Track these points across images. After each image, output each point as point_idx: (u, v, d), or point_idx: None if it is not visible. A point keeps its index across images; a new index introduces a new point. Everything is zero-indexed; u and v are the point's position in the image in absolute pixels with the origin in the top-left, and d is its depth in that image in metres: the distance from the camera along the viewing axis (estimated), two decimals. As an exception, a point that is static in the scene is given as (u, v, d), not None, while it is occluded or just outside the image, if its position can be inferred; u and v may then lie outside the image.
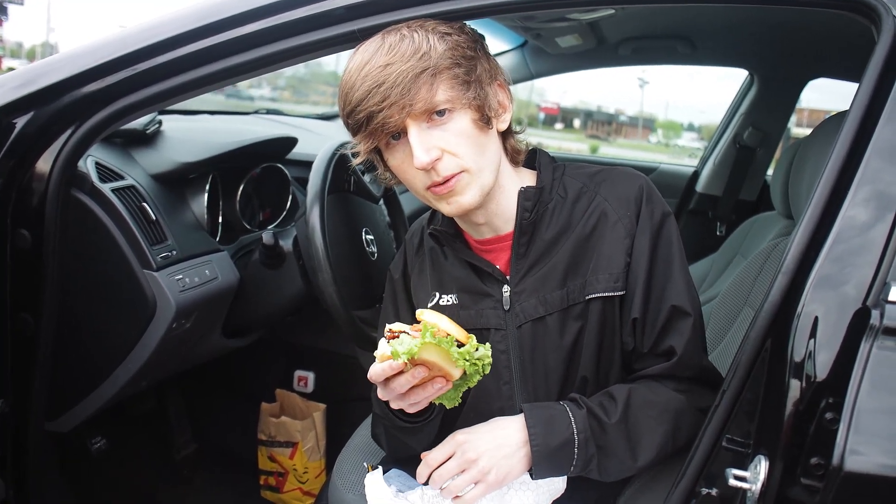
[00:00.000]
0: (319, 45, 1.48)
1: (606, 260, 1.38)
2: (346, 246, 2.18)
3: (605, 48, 3.20)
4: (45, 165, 1.56)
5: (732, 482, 1.12)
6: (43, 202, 1.57)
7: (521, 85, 4.11)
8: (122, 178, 1.92)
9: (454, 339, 1.19)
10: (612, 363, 1.41)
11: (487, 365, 1.23)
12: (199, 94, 1.58)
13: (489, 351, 1.23)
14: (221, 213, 2.32)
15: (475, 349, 1.22)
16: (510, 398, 1.44)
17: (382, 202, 2.58)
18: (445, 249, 1.51)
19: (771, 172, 3.53)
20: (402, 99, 1.24)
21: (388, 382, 1.24)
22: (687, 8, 2.63)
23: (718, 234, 3.60)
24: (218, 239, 2.25)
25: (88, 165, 1.82)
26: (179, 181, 2.16)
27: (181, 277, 1.92)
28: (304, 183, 2.12)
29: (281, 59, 1.51)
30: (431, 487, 1.36)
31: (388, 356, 1.18)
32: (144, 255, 1.83)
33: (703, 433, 1.21)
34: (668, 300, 1.37)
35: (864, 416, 1.00)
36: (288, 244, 2.21)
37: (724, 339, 2.12)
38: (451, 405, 1.31)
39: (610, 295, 1.38)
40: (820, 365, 1.07)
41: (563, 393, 1.42)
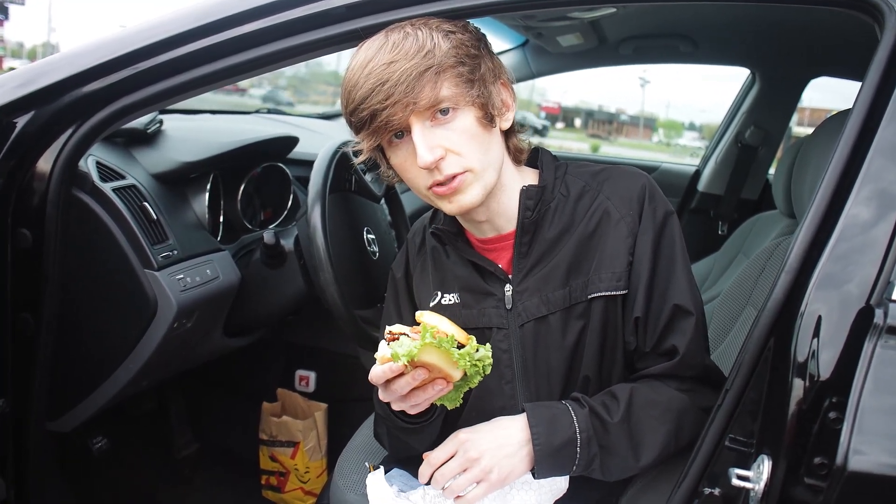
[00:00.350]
0: (320, 44, 1.48)
1: (609, 259, 1.38)
2: (347, 245, 2.18)
3: (606, 47, 3.20)
4: (45, 165, 1.55)
5: (735, 482, 1.11)
6: (44, 202, 1.56)
7: (522, 84, 4.12)
8: (123, 177, 1.92)
9: (454, 340, 1.19)
10: (614, 362, 1.41)
11: (488, 366, 1.22)
12: (199, 93, 1.57)
13: (490, 352, 1.23)
14: (223, 212, 2.32)
15: (476, 350, 1.21)
16: (512, 397, 1.44)
17: (384, 201, 2.57)
18: (447, 248, 1.51)
19: (773, 171, 3.54)
20: (405, 97, 1.24)
21: (388, 384, 1.24)
22: (688, 6, 2.63)
23: (720, 233, 3.59)
24: (219, 238, 2.24)
25: (89, 165, 1.82)
26: (180, 181, 2.16)
27: (182, 277, 1.92)
28: (305, 182, 2.12)
29: (281, 58, 1.51)
30: (433, 487, 1.36)
31: (388, 358, 1.18)
32: (145, 254, 1.83)
33: (705, 433, 1.21)
34: (670, 299, 1.37)
35: (867, 415, 1.00)
36: (289, 243, 2.20)
37: (726, 338, 2.12)
38: (452, 406, 1.31)
39: (612, 294, 1.37)
40: (823, 364, 1.06)
41: (565, 392, 1.41)
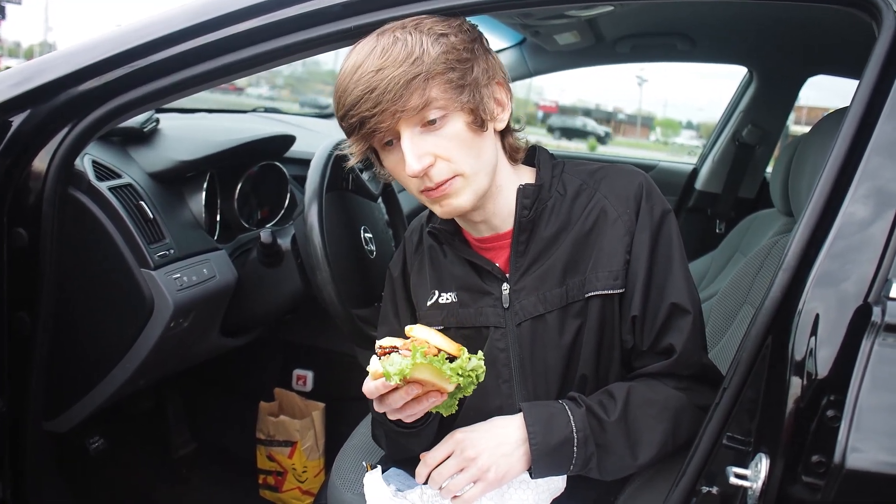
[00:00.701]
0: (316, 42, 1.47)
1: (606, 257, 1.37)
2: (344, 244, 2.17)
3: (603, 45, 3.19)
4: (41, 164, 1.55)
5: (733, 480, 1.11)
6: (40, 201, 1.56)
7: (519, 83, 4.12)
8: (119, 176, 1.91)
9: (444, 355, 1.18)
10: (611, 361, 1.41)
11: (481, 374, 1.22)
12: (196, 91, 1.57)
13: (482, 360, 1.22)
14: (219, 211, 2.31)
15: (468, 360, 1.20)
16: (509, 396, 1.43)
17: (381, 200, 2.57)
18: (444, 247, 1.51)
19: (770, 170, 3.54)
20: (393, 105, 1.23)
21: (382, 399, 1.24)
22: (685, 4, 2.63)
23: (718, 231, 3.59)
24: (216, 237, 2.24)
25: (85, 164, 1.82)
26: (177, 179, 2.16)
27: (179, 276, 1.92)
28: (302, 181, 2.12)
29: (277, 56, 1.50)
30: (431, 487, 1.36)
31: (380, 374, 1.17)
32: (142, 253, 1.83)
33: (703, 431, 1.21)
34: (667, 298, 1.37)
35: (865, 413, 1.00)
36: (286, 242, 2.20)
37: (723, 336, 2.12)
38: (447, 413, 1.31)
39: (609, 293, 1.37)
40: (821, 362, 1.06)
41: (562, 391, 1.41)
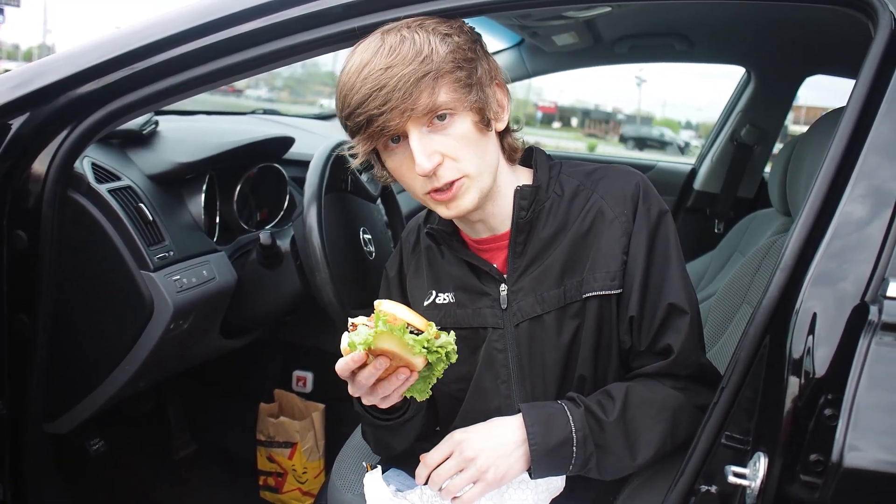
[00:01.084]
0: (317, 43, 1.47)
1: (603, 258, 1.38)
2: (343, 245, 2.18)
3: (601, 46, 3.20)
4: (41, 166, 1.55)
5: (732, 479, 1.12)
6: (39, 203, 1.56)
7: (518, 84, 4.12)
8: (118, 178, 1.92)
9: (406, 326, 1.18)
10: (609, 361, 1.41)
11: (452, 353, 1.22)
12: (195, 93, 1.57)
13: (453, 338, 1.22)
14: (219, 213, 2.32)
15: (436, 336, 1.21)
16: (508, 397, 1.44)
17: (380, 201, 2.57)
18: (442, 248, 1.51)
19: (768, 169, 3.54)
20: (403, 103, 1.23)
21: (353, 377, 1.23)
22: (683, 5, 2.63)
23: (716, 231, 3.60)
24: (215, 239, 2.24)
25: (85, 166, 1.82)
26: (176, 181, 2.16)
27: (178, 278, 1.92)
28: (301, 183, 2.12)
29: (278, 58, 1.50)
30: (430, 488, 1.36)
31: (347, 348, 1.19)
32: (141, 255, 1.83)
33: (702, 430, 1.21)
34: (665, 298, 1.37)
35: (863, 412, 1.01)
36: (285, 244, 2.21)
37: (722, 336, 2.12)
38: (421, 397, 1.30)
39: (607, 293, 1.37)
40: (818, 361, 1.07)
41: (561, 391, 1.41)
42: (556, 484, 1.39)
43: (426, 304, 1.50)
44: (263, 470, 2.76)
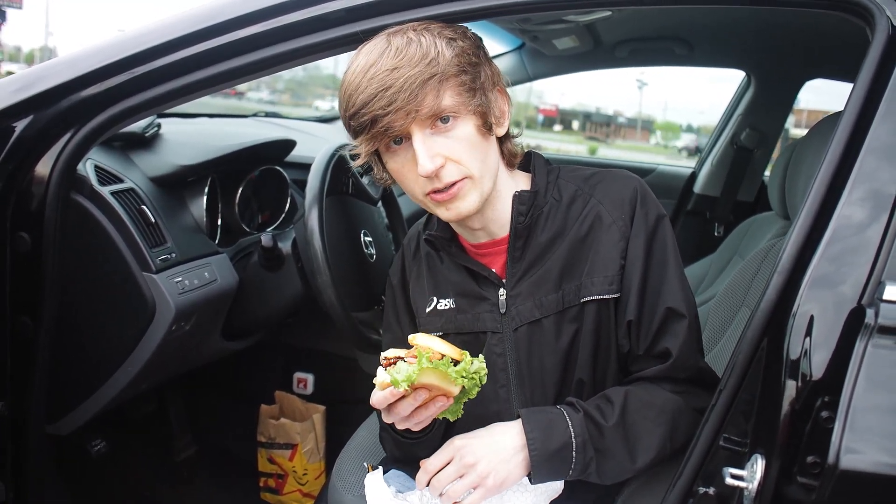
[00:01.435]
0: (319, 47, 1.48)
1: (601, 262, 1.38)
2: (344, 248, 2.18)
3: (602, 50, 3.20)
4: (44, 169, 1.56)
5: (729, 481, 1.12)
6: (42, 205, 1.57)
7: (519, 87, 4.12)
8: (121, 181, 1.92)
9: (449, 359, 1.20)
10: (608, 365, 1.41)
11: (484, 376, 1.24)
12: (198, 97, 1.58)
13: (483, 363, 1.23)
14: (220, 215, 2.32)
15: (471, 363, 1.22)
16: (507, 401, 1.44)
17: (381, 204, 2.58)
18: (441, 254, 1.51)
19: (768, 173, 3.55)
20: (408, 104, 1.23)
21: (391, 408, 1.25)
22: (683, 9, 2.64)
23: (716, 234, 3.60)
24: (217, 241, 2.25)
25: (87, 169, 1.83)
26: (178, 184, 2.17)
27: (180, 280, 1.93)
28: (302, 185, 2.13)
29: (280, 62, 1.51)
30: (431, 494, 1.36)
31: (387, 384, 1.19)
32: (144, 257, 1.84)
33: (700, 432, 1.21)
34: (663, 302, 1.37)
35: (859, 414, 1.01)
36: (287, 246, 2.21)
37: (721, 339, 2.13)
38: (454, 418, 1.33)
39: (605, 297, 1.38)
40: (816, 364, 1.07)
41: (559, 395, 1.42)
42: (554, 486, 1.40)
43: (428, 310, 1.50)
44: (264, 471, 2.76)
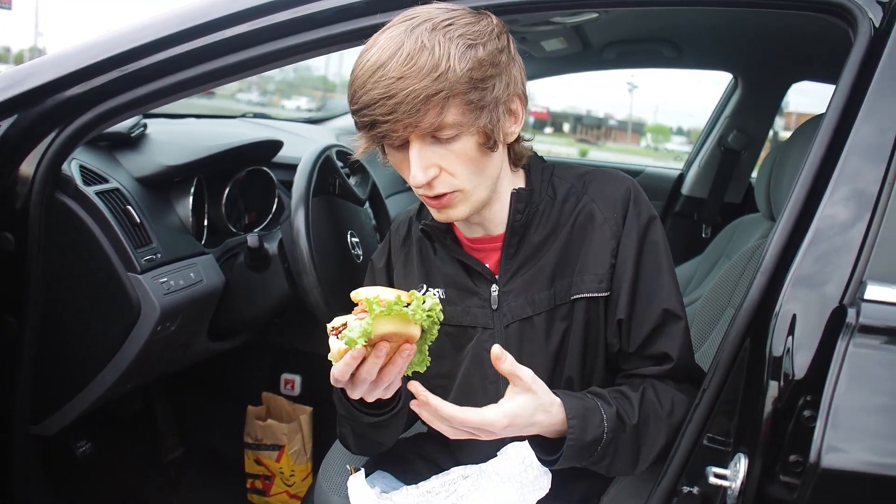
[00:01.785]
0: (307, 46, 1.48)
1: (592, 261, 1.38)
2: (331, 248, 2.18)
3: (590, 52, 3.21)
4: (28, 168, 1.55)
5: (713, 480, 1.13)
6: (27, 205, 1.56)
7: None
8: (106, 181, 1.92)
9: (402, 300, 1.16)
10: (596, 363, 1.42)
11: (440, 312, 1.19)
12: (184, 96, 1.57)
13: (437, 299, 1.19)
14: (207, 216, 2.32)
15: (423, 301, 1.18)
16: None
17: (368, 205, 2.58)
18: (435, 244, 1.51)
19: (756, 175, 3.57)
20: (408, 118, 1.20)
21: (355, 377, 1.19)
22: (670, 12, 2.65)
23: (704, 236, 3.61)
24: (203, 242, 2.25)
25: (72, 168, 1.82)
26: (164, 184, 2.16)
27: (166, 280, 1.92)
28: (289, 186, 2.12)
29: (267, 61, 1.51)
30: (416, 486, 1.36)
31: (343, 350, 1.14)
32: (129, 257, 1.83)
33: (683, 431, 1.22)
34: (659, 304, 1.37)
35: (840, 413, 1.02)
36: (273, 247, 2.21)
37: (707, 340, 2.13)
38: (422, 368, 1.27)
39: (594, 296, 1.38)
40: (798, 363, 1.08)
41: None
42: (542, 483, 1.40)
43: None
44: (251, 472, 2.75)
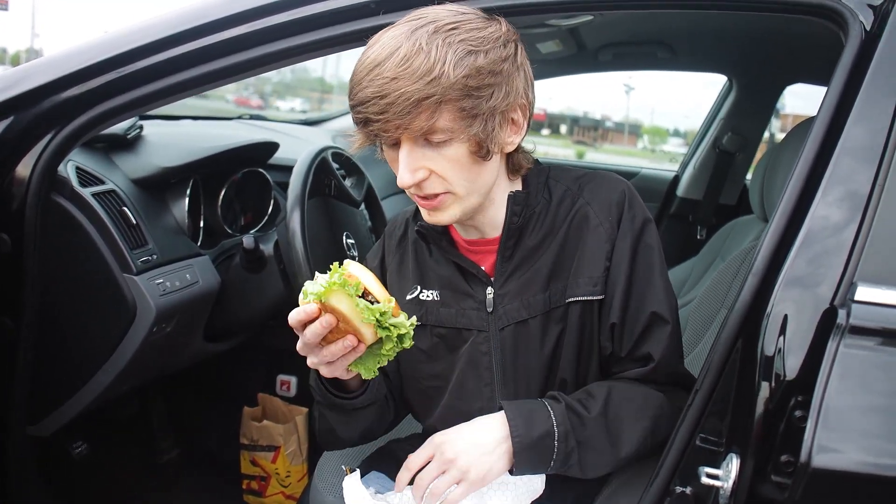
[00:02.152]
0: (303, 49, 1.49)
1: (587, 264, 1.39)
2: (326, 249, 2.18)
3: (585, 54, 3.21)
4: (25, 170, 1.56)
5: (705, 480, 1.13)
6: (23, 206, 1.57)
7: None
8: (102, 182, 1.92)
9: (362, 287, 1.16)
10: (590, 365, 1.42)
11: (406, 338, 1.20)
12: (180, 98, 1.58)
13: (411, 323, 1.21)
14: (203, 217, 2.32)
15: (389, 308, 1.17)
16: (491, 399, 1.44)
17: (363, 206, 2.58)
18: (431, 246, 1.51)
19: (751, 177, 3.58)
20: (398, 119, 1.20)
21: (304, 334, 1.24)
22: (665, 14, 2.65)
23: (699, 237, 3.62)
24: (199, 243, 2.25)
25: (69, 170, 1.82)
26: (160, 186, 2.16)
27: (162, 281, 1.92)
28: (285, 187, 2.13)
29: (266, 62, 1.51)
30: (414, 495, 1.36)
31: (303, 299, 1.17)
32: (125, 258, 1.83)
33: (676, 432, 1.22)
34: (647, 307, 1.38)
35: (831, 413, 1.02)
36: (269, 248, 2.21)
37: (700, 341, 2.14)
38: (367, 375, 1.28)
39: (589, 299, 1.38)
40: (789, 364, 1.09)
41: (543, 394, 1.41)
42: (535, 486, 1.40)
43: (409, 297, 1.50)
44: (247, 474, 2.75)
